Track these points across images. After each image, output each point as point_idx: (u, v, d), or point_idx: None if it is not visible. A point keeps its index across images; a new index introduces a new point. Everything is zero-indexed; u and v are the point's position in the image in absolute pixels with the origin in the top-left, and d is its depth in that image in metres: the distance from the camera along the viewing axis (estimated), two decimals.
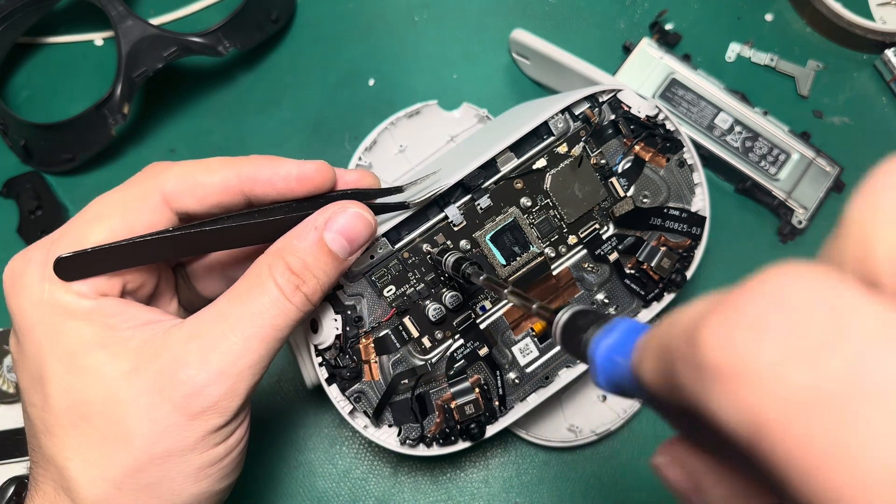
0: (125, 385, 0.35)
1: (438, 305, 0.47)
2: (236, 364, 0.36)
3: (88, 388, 0.35)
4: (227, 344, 0.36)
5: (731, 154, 0.61)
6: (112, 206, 0.38)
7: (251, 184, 0.39)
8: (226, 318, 0.36)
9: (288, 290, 0.37)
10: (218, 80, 0.65)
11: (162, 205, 0.39)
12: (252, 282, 0.38)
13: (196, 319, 0.37)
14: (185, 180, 0.39)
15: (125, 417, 0.35)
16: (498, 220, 0.48)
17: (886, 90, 0.65)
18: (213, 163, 0.40)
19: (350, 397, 0.46)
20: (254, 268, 0.38)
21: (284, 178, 0.39)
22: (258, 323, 0.36)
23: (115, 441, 0.35)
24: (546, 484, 0.57)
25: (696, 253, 0.50)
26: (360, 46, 0.66)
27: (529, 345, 0.49)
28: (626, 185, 0.50)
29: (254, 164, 0.40)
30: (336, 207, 0.39)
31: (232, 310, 0.37)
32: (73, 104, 0.60)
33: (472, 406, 0.47)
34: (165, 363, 0.35)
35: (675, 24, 0.66)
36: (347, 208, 0.39)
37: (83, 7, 0.64)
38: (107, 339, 0.36)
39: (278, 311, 0.37)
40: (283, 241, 0.39)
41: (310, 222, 0.39)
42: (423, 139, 0.61)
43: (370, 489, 0.56)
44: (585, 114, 0.48)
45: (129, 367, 0.35)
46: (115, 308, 0.37)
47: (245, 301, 0.37)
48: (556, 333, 0.29)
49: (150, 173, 0.39)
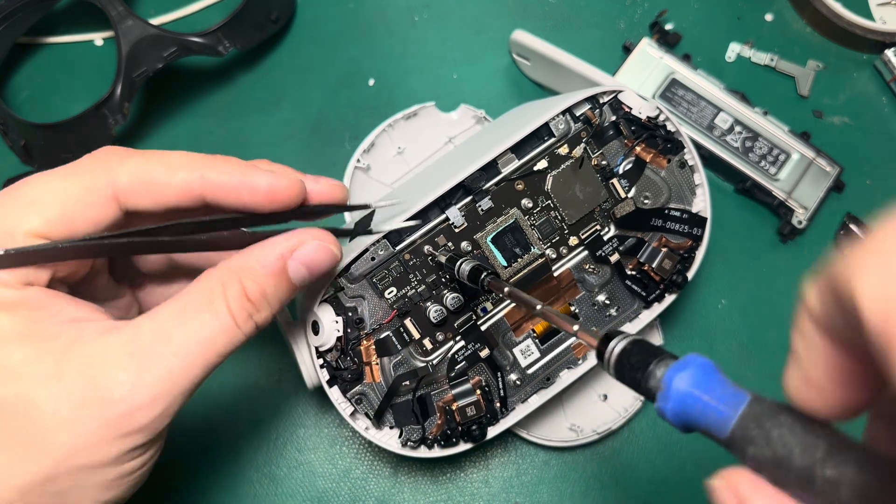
0: (46, 390, 0.32)
1: (439, 307, 0.47)
2: (174, 388, 0.33)
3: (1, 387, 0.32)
4: (167, 367, 0.33)
5: (731, 154, 0.61)
6: (52, 194, 0.34)
7: (215, 190, 0.36)
8: (169, 340, 0.33)
9: (241, 317, 0.35)
10: (218, 80, 0.65)
11: (110, 201, 0.35)
12: (202, 301, 0.35)
13: (135, 332, 0.34)
14: (141, 177, 0.35)
15: (43, 425, 0.32)
16: (499, 221, 0.48)
17: (886, 90, 0.65)
18: (175, 159, 0.36)
19: (351, 399, 0.46)
20: (205, 282, 0.35)
21: (252, 191, 0.36)
22: (203, 350, 0.34)
23: (26, 448, 0.32)
24: (546, 484, 0.57)
25: (697, 254, 0.50)
26: (360, 46, 0.66)
27: (531, 346, 0.49)
28: (627, 187, 0.50)
29: (221, 168, 0.36)
30: (304, 236, 0.37)
31: (176, 330, 0.34)
32: (73, 104, 0.60)
33: (473, 407, 0.47)
34: (96, 375, 0.32)
35: (675, 24, 0.66)
36: (316, 239, 0.37)
37: (83, 7, 0.64)
38: (29, 334, 0.33)
39: (227, 338, 0.35)
40: (242, 259, 0.36)
41: (274, 246, 0.36)
42: (421, 141, 0.61)
43: (370, 489, 0.56)
44: (586, 115, 0.48)
45: (52, 370, 0.32)
46: (41, 300, 0.34)
47: (191, 322, 0.34)
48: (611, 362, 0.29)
49: (104, 162, 0.35)
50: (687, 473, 0.57)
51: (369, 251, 0.45)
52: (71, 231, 0.34)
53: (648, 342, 0.28)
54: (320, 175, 0.40)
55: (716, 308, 0.61)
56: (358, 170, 0.59)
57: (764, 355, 0.60)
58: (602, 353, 0.29)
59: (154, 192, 0.36)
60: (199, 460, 0.57)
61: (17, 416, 0.32)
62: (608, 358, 0.29)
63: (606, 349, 0.29)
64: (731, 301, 0.61)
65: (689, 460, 0.58)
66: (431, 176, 0.52)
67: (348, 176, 0.59)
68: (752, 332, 0.60)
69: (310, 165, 0.62)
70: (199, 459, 0.57)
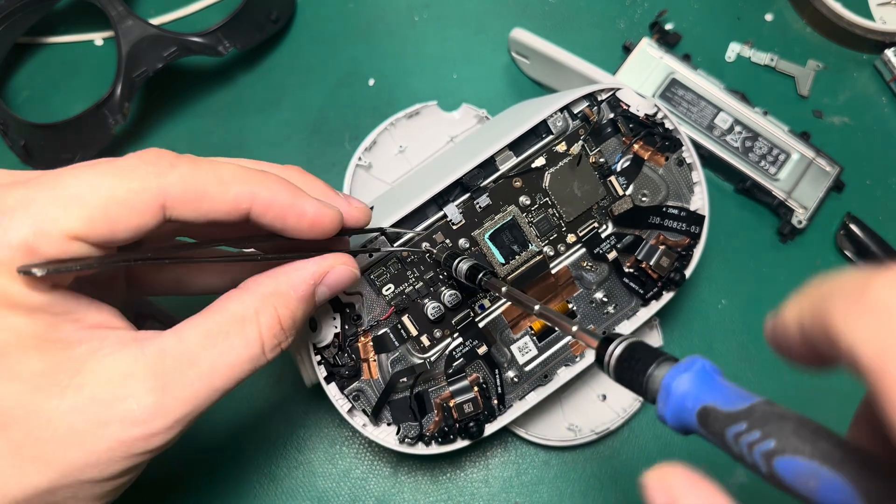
0: (62, 403, 0.31)
1: (437, 304, 0.47)
2: (193, 412, 0.33)
3: (11, 396, 0.30)
4: (192, 391, 0.32)
5: (730, 154, 0.61)
6: (97, 193, 0.31)
7: (263, 210, 0.35)
8: (195, 363, 0.33)
9: (270, 346, 0.35)
10: (218, 80, 0.65)
11: (157, 210, 0.32)
12: (233, 325, 0.34)
13: (160, 350, 0.32)
14: (192, 188, 0.33)
15: (53, 439, 0.30)
16: (497, 218, 0.48)
17: (886, 90, 0.65)
18: (226, 172, 0.34)
19: (349, 396, 0.46)
20: (237, 304, 0.35)
21: (299, 216, 0.36)
22: (228, 375, 0.33)
23: (31, 460, 0.31)
24: (546, 484, 0.57)
25: (695, 252, 0.50)
26: (360, 46, 0.66)
27: (528, 343, 0.49)
28: (624, 184, 0.50)
29: (273, 189, 0.35)
30: (333, 261, 0.37)
31: (204, 353, 0.33)
32: (73, 104, 0.60)
33: (470, 405, 0.47)
34: (116, 394, 0.31)
35: (675, 24, 0.66)
36: (344, 264, 0.38)
37: (83, 7, 0.64)
38: (48, 340, 0.31)
39: (253, 365, 0.34)
40: (273, 283, 0.36)
41: (306, 271, 0.36)
42: (423, 140, 0.61)
43: (370, 489, 0.56)
44: (584, 112, 0.48)
45: (69, 382, 0.31)
46: (65, 305, 0.32)
47: (220, 348, 0.33)
48: (610, 364, 0.29)
49: (155, 166, 0.32)
50: None
51: (366, 248, 0.45)
52: (111, 236, 0.31)
53: (648, 344, 0.28)
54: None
55: (716, 308, 0.61)
56: (359, 168, 0.59)
57: (764, 355, 0.59)
58: (601, 356, 0.29)
59: (204, 206, 0.33)
60: (199, 460, 0.57)
61: (27, 427, 0.30)
62: (608, 360, 0.29)
63: (606, 352, 0.29)
64: (731, 301, 0.61)
65: (689, 460, 0.57)
66: (430, 173, 0.52)
67: (349, 174, 0.59)
68: (752, 332, 0.60)
69: (310, 165, 0.62)
70: (199, 459, 0.57)
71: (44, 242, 0.30)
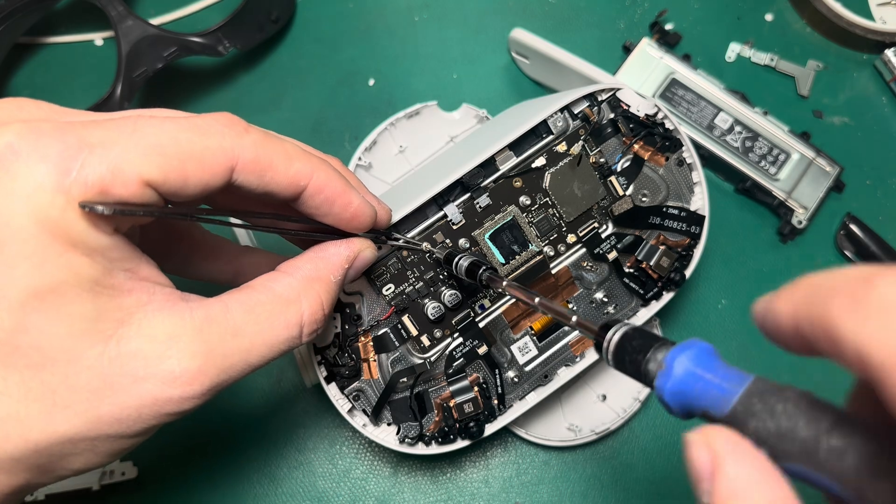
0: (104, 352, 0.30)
1: (437, 304, 0.47)
2: (227, 383, 0.33)
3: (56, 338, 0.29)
4: (231, 362, 0.33)
5: (731, 154, 0.61)
6: (177, 146, 0.31)
7: (316, 192, 0.36)
8: (238, 335, 0.33)
9: (308, 330, 0.36)
10: (218, 80, 0.65)
11: (226, 171, 0.33)
12: (279, 305, 0.35)
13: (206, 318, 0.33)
14: (262, 157, 0.34)
15: (87, 389, 0.30)
16: (497, 218, 0.48)
17: (886, 90, 0.65)
18: (291, 148, 0.35)
19: (349, 396, 0.46)
20: (280, 284, 0.35)
21: (344, 206, 0.37)
22: (265, 352, 0.34)
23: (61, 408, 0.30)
24: (546, 484, 0.57)
25: (695, 252, 0.50)
26: (360, 46, 0.66)
27: (528, 343, 0.49)
28: (625, 184, 0.50)
29: (329, 174, 0.36)
30: (361, 244, 0.39)
31: (247, 329, 0.33)
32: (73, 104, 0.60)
33: (470, 405, 0.47)
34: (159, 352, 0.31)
35: (675, 24, 0.66)
36: (369, 248, 0.39)
37: (83, 7, 0.64)
38: (101, 286, 0.30)
39: (288, 346, 0.35)
40: (315, 268, 0.37)
41: (339, 255, 0.38)
42: (423, 140, 0.61)
43: (370, 489, 0.56)
44: (584, 112, 0.48)
45: (115, 332, 0.30)
46: (121, 252, 0.31)
47: (264, 325, 0.34)
48: (609, 351, 0.29)
49: (230, 128, 0.33)
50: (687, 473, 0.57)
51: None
52: (182, 188, 0.31)
53: (646, 330, 0.28)
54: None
55: (716, 308, 0.61)
56: (360, 168, 0.59)
57: (764, 355, 0.59)
58: (600, 342, 0.29)
59: (267, 176, 0.34)
60: (199, 460, 0.57)
61: (65, 371, 0.30)
62: (607, 346, 0.29)
63: (605, 337, 0.29)
64: (731, 301, 0.61)
65: None
66: (430, 173, 0.52)
67: None
68: (752, 332, 0.60)
69: None
70: (199, 459, 0.57)
71: (119, 183, 0.29)
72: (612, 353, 0.28)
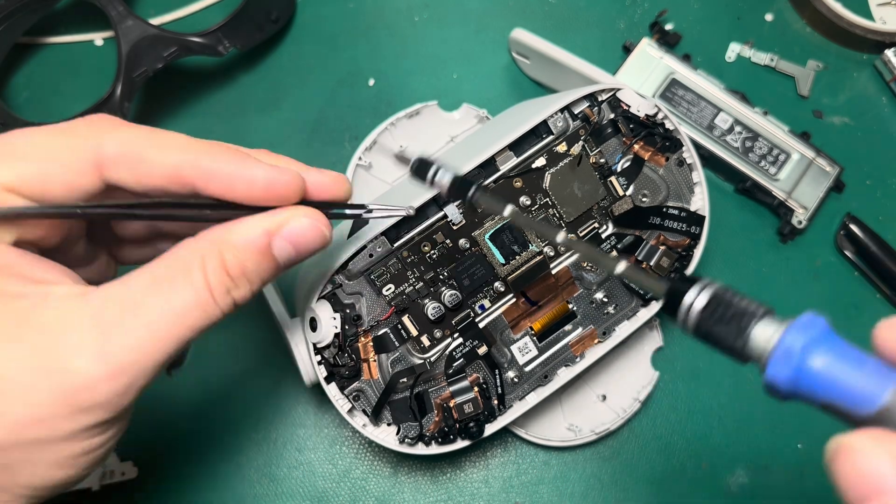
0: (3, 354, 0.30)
1: (437, 304, 0.47)
2: (139, 362, 0.31)
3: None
4: (134, 338, 0.31)
5: (731, 154, 0.61)
6: (34, 148, 0.32)
7: (207, 179, 0.33)
8: (138, 310, 0.31)
9: (218, 291, 0.33)
10: (218, 80, 0.65)
11: (92, 168, 0.32)
12: (178, 271, 0.32)
13: (103, 299, 0.31)
14: (129, 150, 0.33)
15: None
16: (497, 218, 0.48)
17: (886, 90, 0.65)
18: (167, 139, 0.34)
19: (349, 396, 0.46)
20: (184, 251, 0.33)
21: (248, 184, 0.34)
22: (175, 323, 0.32)
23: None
24: (546, 484, 0.57)
25: (695, 252, 0.50)
26: (360, 46, 0.66)
27: (528, 344, 0.49)
28: (625, 184, 0.50)
29: (217, 156, 0.34)
30: (295, 212, 0.35)
31: (148, 300, 0.31)
32: (73, 104, 0.60)
33: (470, 405, 0.47)
34: (57, 342, 0.30)
35: (675, 24, 0.66)
36: (304, 216, 0.35)
37: (83, 7, 0.64)
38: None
39: (201, 313, 0.32)
40: (224, 231, 0.34)
41: (261, 221, 0.34)
42: (423, 140, 0.61)
43: (370, 489, 0.56)
44: (585, 113, 0.48)
45: (11, 334, 0.30)
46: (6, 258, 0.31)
47: (165, 293, 0.32)
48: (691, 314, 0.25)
49: (95, 128, 0.33)
50: (687, 473, 0.57)
51: (367, 248, 0.45)
52: (44, 192, 0.32)
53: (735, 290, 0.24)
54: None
55: None
56: (360, 167, 0.59)
57: None
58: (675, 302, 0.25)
59: (139, 169, 0.33)
60: (199, 460, 0.57)
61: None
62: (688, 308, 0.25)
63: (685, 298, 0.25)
64: None
65: (689, 460, 0.57)
66: None
67: (349, 174, 0.59)
68: None
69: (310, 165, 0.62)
70: (199, 459, 0.57)
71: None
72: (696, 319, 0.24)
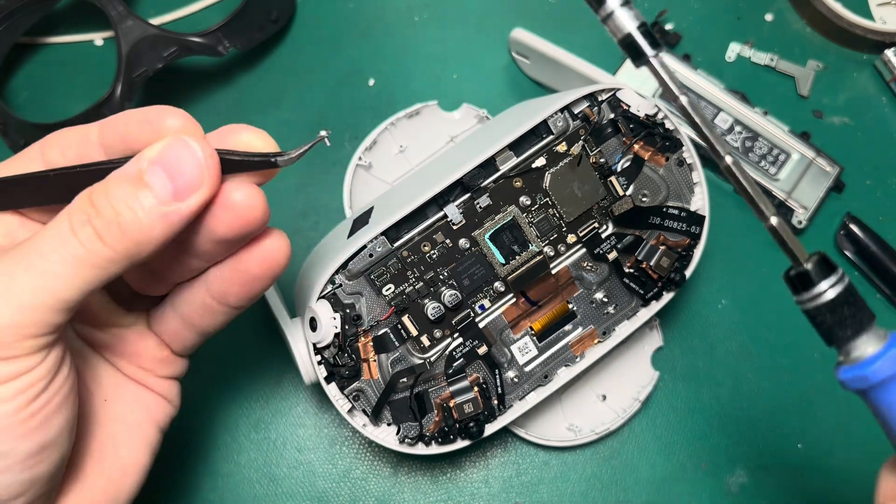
0: None
1: (437, 304, 0.47)
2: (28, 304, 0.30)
3: None
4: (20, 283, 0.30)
5: None
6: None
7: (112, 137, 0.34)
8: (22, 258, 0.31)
9: (77, 222, 0.31)
10: (218, 80, 0.65)
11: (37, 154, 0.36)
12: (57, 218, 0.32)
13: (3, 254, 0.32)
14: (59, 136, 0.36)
15: None
16: (497, 218, 0.48)
17: (886, 90, 0.65)
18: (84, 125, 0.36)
19: (349, 396, 0.46)
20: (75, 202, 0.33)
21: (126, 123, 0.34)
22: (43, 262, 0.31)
23: None
24: (546, 484, 0.57)
25: (695, 252, 0.50)
26: (360, 46, 0.66)
27: (528, 343, 0.49)
28: (625, 184, 0.50)
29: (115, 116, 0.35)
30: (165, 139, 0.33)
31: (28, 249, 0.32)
32: (73, 104, 0.60)
33: (470, 405, 0.47)
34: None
35: (675, 24, 0.66)
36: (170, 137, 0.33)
37: (83, 7, 0.64)
38: None
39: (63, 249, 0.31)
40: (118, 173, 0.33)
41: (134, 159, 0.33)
42: (424, 139, 0.61)
43: (370, 489, 0.56)
44: (585, 112, 0.48)
45: None
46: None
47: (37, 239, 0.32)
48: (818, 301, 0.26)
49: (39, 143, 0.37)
50: (687, 473, 0.57)
51: (367, 248, 0.45)
52: None
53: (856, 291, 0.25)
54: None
55: (716, 308, 0.61)
56: (360, 168, 0.59)
57: (764, 355, 0.59)
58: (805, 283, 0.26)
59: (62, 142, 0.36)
60: (199, 461, 0.57)
61: None
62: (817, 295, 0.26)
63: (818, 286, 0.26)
64: (732, 301, 0.61)
65: (689, 460, 0.57)
66: (430, 173, 0.52)
67: (349, 174, 0.59)
68: (752, 332, 0.60)
69: (310, 165, 0.62)
70: (199, 460, 0.57)
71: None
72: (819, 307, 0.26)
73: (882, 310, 0.61)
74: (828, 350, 0.29)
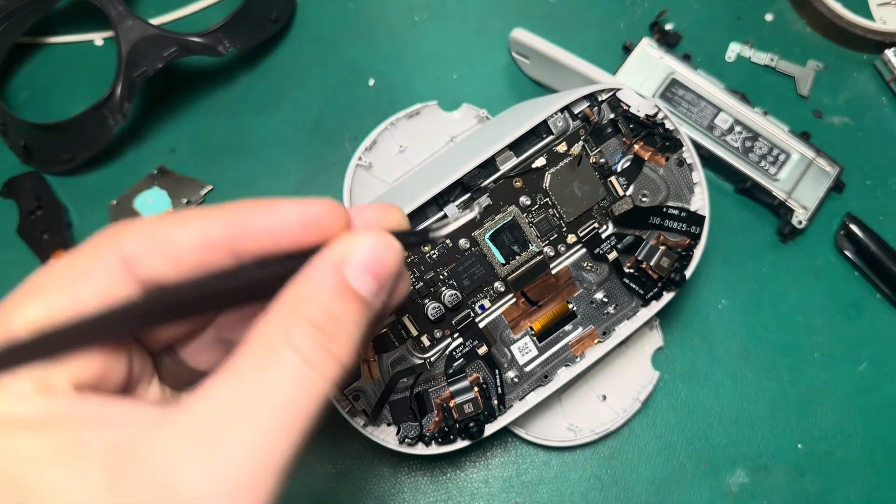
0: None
1: (437, 304, 0.47)
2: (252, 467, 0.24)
3: None
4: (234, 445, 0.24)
5: (731, 154, 0.61)
6: (54, 275, 0.27)
7: (240, 236, 0.28)
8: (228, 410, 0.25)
9: (314, 355, 0.26)
10: (218, 80, 0.65)
11: (120, 269, 0.28)
12: (260, 352, 0.26)
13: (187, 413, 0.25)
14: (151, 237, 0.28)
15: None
16: (497, 218, 0.48)
17: (886, 90, 0.65)
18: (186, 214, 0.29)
19: (349, 396, 0.46)
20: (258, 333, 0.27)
21: (284, 225, 0.28)
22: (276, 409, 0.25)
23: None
24: (546, 484, 0.57)
25: (695, 252, 0.50)
26: (360, 46, 0.66)
27: (528, 344, 0.49)
28: (625, 184, 0.50)
29: (241, 210, 0.29)
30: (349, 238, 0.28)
31: (235, 396, 0.25)
32: (73, 104, 0.60)
33: (470, 405, 0.47)
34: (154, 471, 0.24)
35: (675, 24, 0.66)
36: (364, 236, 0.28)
37: (83, 7, 0.64)
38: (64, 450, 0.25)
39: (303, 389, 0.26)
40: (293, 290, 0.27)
41: (322, 263, 0.28)
42: (424, 140, 0.61)
43: (370, 489, 0.56)
44: (585, 113, 0.48)
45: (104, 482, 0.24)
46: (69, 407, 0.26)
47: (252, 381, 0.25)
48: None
49: (107, 233, 0.28)
50: (687, 473, 0.57)
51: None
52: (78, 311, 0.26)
53: None
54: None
55: (716, 308, 0.61)
56: (360, 168, 0.59)
57: (764, 355, 0.59)
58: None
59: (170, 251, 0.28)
60: None
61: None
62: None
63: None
64: (731, 301, 0.61)
65: (689, 460, 0.57)
66: (430, 173, 0.52)
67: (349, 174, 0.59)
68: (752, 333, 0.60)
69: (310, 165, 0.62)
70: None
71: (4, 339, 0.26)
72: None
73: (882, 310, 0.61)
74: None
